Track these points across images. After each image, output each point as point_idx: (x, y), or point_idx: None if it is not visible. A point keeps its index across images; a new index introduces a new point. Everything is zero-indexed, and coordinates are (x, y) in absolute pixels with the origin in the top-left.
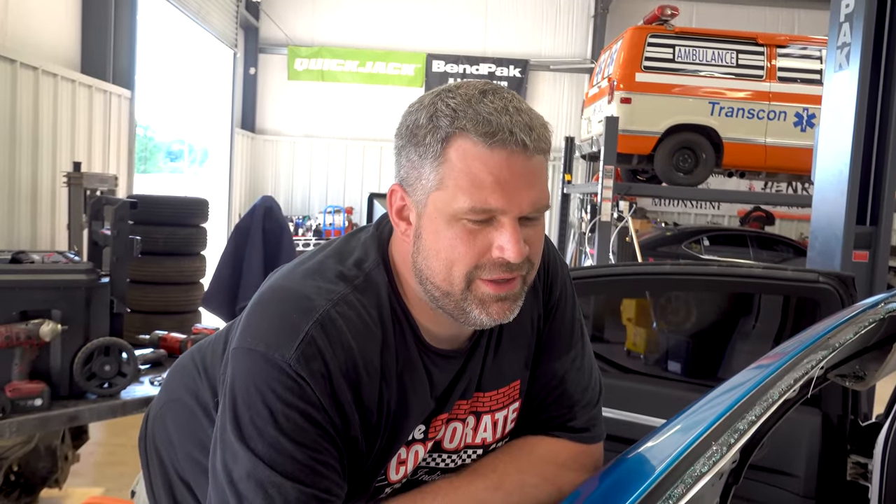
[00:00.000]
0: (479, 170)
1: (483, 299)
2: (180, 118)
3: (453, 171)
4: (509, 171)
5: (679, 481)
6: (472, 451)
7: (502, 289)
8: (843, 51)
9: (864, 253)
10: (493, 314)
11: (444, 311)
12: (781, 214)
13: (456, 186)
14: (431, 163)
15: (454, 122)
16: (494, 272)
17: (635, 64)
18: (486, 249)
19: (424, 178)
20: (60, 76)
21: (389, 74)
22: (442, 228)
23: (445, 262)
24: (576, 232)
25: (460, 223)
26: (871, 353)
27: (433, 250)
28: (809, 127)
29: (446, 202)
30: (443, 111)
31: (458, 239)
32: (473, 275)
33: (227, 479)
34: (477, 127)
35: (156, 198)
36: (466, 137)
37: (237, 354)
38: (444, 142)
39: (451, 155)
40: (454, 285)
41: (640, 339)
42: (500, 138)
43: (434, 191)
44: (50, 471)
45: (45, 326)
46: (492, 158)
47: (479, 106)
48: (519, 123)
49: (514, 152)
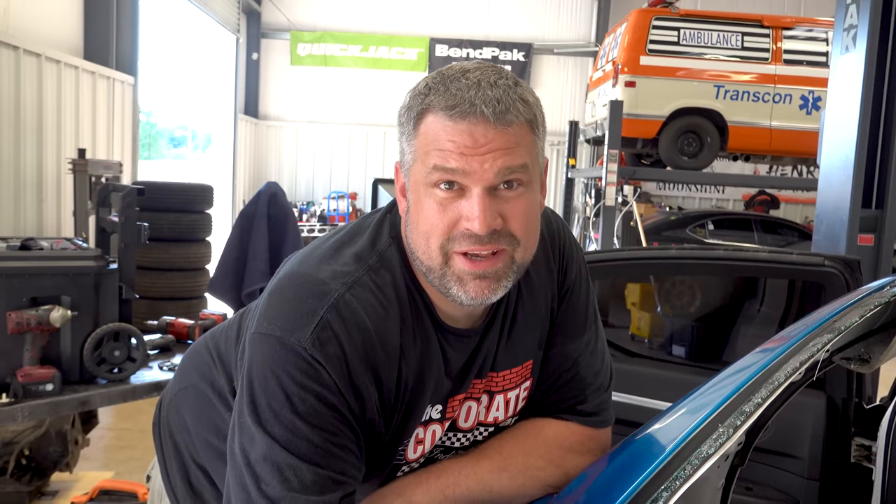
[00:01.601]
0: (443, 138)
1: (461, 276)
2: (183, 104)
3: (422, 143)
4: (472, 139)
5: (686, 462)
6: (485, 428)
7: (479, 266)
8: (850, 33)
9: (869, 236)
10: (470, 292)
11: (435, 288)
12: (786, 198)
13: (424, 154)
14: (408, 139)
15: (424, 100)
16: (464, 243)
17: (640, 47)
18: (456, 221)
19: (406, 154)
20: (64, 63)
21: (392, 59)
22: (421, 199)
23: (424, 235)
24: (580, 216)
25: (433, 194)
26: (877, 336)
27: (414, 223)
28: (815, 110)
29: (419, 172)
30: (419, 90)
31: (432, 210)
32: (447, 248)
33: (244, 461)
34: (441, 100)
35: (161, 184)
36: (435, 113)
37: (254, 340)
38: (416, 119)
39: (421, 128)
40: (433, 259)
41: (645, 323)
42: (459, 110)
43: (412, 164)
44: (61, 455)
45: (55, 312)
46: (454, 128)
47: (451, 84)
48: (486, 97)
49: (475, 122)
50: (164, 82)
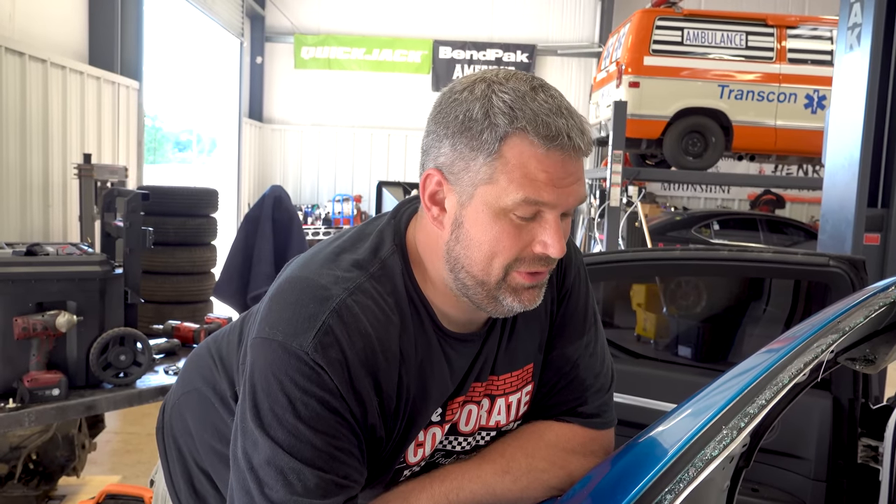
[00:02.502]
0: (535, 168)
1: (516, 288)
2: (188, 108)
3: (507, 167)
4: (563, 171)
5: (690, 464)
6: (487, 433)
7: (536, 279)
8: (854, 31)
9: (875, 236)
10: (524, 301)
11: (470, 299)
12: (792, 197)
13: (509, 181)
14: (485, 158)
15: (513, 122)
16: (533, 265)
17: (643, 47)
18: (529, 244)
19: (474, 170)
20: (69, 68)
21: (396, 61)
22: (487, 221)
23: (487, 254)
24: (585, 217)
25: (507, 218)
26: (882, 336)
27: (476, 242)
28: (820, 109)
29: (496, 196)
30: (500, 108)
31: (504, 233)
32: (512, 267)
33: (247, 465)
34: (537, 129)
35: (166, 188)
36: (525, 138)
37: (256, 344)
38: (502, 140)
39: (507, 153)
40: (492, 276)
41: (651, 324)
42: (559, 143)
43: (484, 184)
44: (68, 459)
45: (61, 317)
46: (548, 159)
47: (534, 104)
48: (574, 128)
49: (569, 155)
50: (169, 87)
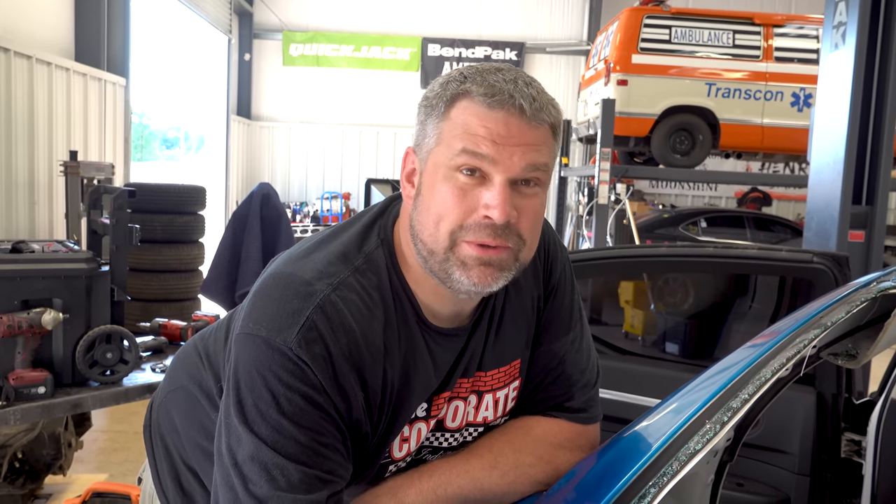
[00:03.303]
0: (475, 123)
1: (465, 261)
2: (176, 105)
3: (451, 125)
4: (505, 129)
5: (674, 458)
6: (474, 429)
7: (486, 252)
8: (839, 30)
9: (859, 233)
10: (473, 278)
11: (432, 274)
12: (779, 195)
13: (452, 136)
14: (434, 121)
15: (461, 85)
16: (479, 234)
17: (631, 45)
18: (474, 209)
19: (428, 136)
20: (55, 65)
21: (385, 59)
22: (438, 183)
23: (434, 217)
24: (573, 215)
25: (454, 178)
26: (864, 331)
27: (426, 205)
28: (806, 107)
29: (443, 155)
30: (454, 77)
31: (450, 193)
32: (457, 235)
33: (231, 461)
34: (480, 88)
35: (153, 186)
36: (470, 98)
37: (240, 340)
38: (449, 102)
39: (453, 113)
40: (439, 242)
41: (638, 321)
42: (498, 99)
43: (434, 147)
44: (54, 458)
45: (46, 315)
46: (489, 115)
47: (489, 75)
48: (523, 93)
49: (511, 114)
50: (157, 84)
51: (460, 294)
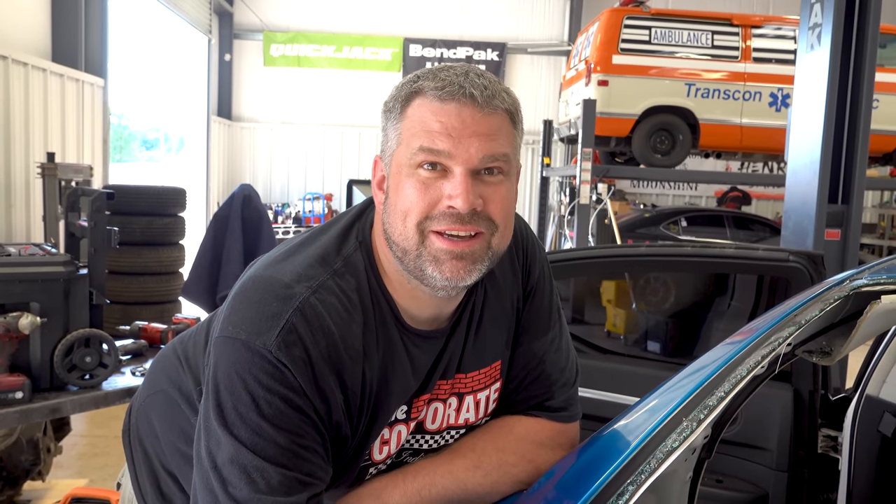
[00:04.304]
0: (430, 119)
1: (437, 255)
2: (155, 106)
3: (408, 124)
4: (459, 120)
5: (651, 456)
6: (455, 431)
7: (457, 245)
8: (815, 31)
9: (836, 231)
10: (446, 272)
11: (409, 274)
12: (758, 194)
13: (410, 135)
14: (394, 124)
15: (414, 84)
16: (444, 222)
17: (612, 46)
18: (437, 200)
19: (390, 140)
20: (31, 65)
21: (366, 59)
22: (401, 182)
23: (401, 215)
24: (555, 215)
25: (416, 174)
26: (838, 328)
27: (393, 205)
28: (784, 107)
29: (403, 154)
30: (409, 79)
31: (412, 189)
32: (425, 226)
33: (211, 464)
34: (431, 83)
35: (132, 187)
36: (423, 95)
37: (219, 343)
38: (404, 102)
39: (409, 112)
40: (409, 238)
41: (620, 320)
42: (448, 91)
43: (395, 149)
44: (33, 463)
45: (23, 319)
46: (442, 109)
47: (440, 72)
48: (473, 83)
49: (463, 104)
50: (136, 84)
51: (438, 292)
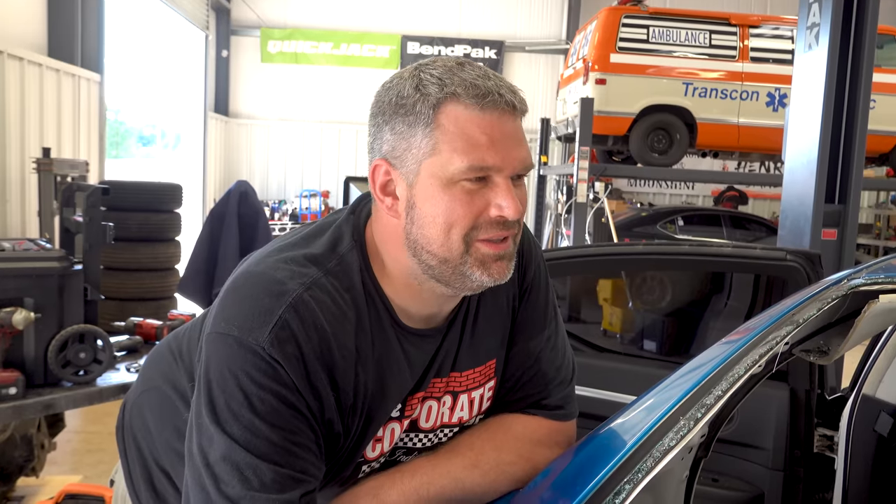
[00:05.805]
0: (474, 131)
1: (483, 260)
2: (152, 102)
3: (447, 135)
4: (501, 130)
5: (648, 455)
6: (449, 429)
7: (500, 248)
8: (813, 31)
9: (832, 231)
10: (493, 273)
11: (438, 280)
12: (755, 194)
13: (451, 149)
14: (423, 130)
15: (443, 89)
16: (492, 231)
17: (610, 45)
18: (484, 209)
19: (416, 146)
20: (27, 60)
21: (364, 56)
22: (438, 194)
23: (444, 227)
24: (552, 213)
25: (457, 186)
26: (835, 328)
27: (430, 217)
28: (781, 107)
29: (442, 167)
30: (429, 80)
31: (456, 201)
32: (471, 236)
33: (203, 461)
34: (467, 91)
35: (129, 183)
36: (458, 101)
37: (211, 339)
38: (436, 107)
39: (443, 120)
40: (453, 250)
41: (616, 318)
42: (490, 100)
43: (428, 158)
44: (26, 459)
45: (17, 315)
46: (484, 119)
47: (462, 73)
48: (503, 87)
49: (504, 112)
50: (133, 80)
51: (464, 291)
